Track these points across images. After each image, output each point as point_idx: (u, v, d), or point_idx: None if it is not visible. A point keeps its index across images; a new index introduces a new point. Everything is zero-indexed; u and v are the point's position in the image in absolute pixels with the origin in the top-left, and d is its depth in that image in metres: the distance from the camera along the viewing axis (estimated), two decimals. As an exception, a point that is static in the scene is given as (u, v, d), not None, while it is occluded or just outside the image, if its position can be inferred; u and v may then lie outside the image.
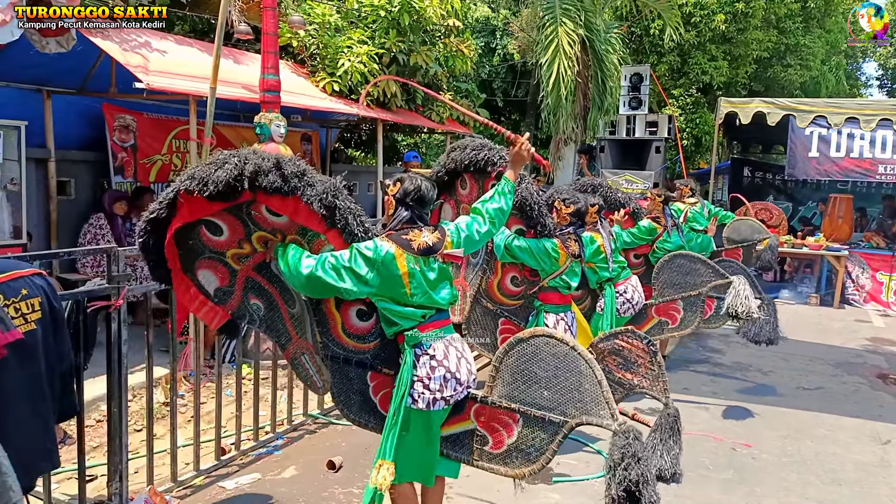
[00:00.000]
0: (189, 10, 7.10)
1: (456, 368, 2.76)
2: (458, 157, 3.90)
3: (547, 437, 2.62)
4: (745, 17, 13.70)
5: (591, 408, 2.52)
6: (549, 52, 9.86)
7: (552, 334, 2.67)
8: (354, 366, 2.95)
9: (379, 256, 2.66)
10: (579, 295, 4.91)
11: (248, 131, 7.81)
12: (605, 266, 4.84)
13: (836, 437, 4.88)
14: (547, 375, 2.63)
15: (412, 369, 2.75)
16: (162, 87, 5.34)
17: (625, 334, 4.07)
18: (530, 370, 2.67)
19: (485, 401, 2.78)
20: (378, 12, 7.85)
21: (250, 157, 2.62)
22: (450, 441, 2.89)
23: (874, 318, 9.27)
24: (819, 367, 6.67)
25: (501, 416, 2.75)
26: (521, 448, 2.69)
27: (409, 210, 2.84)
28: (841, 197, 10.93)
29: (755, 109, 9.93)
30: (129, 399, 3.55)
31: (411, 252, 2.72)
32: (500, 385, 2.76)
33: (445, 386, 2.73)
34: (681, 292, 5.32)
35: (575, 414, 2.55)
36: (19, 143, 5.56)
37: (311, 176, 2.69)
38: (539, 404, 2.64)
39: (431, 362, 2.74)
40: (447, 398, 2.75)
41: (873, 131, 9.39)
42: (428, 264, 2.77)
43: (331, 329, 2.95)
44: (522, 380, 2.70)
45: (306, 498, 3.71)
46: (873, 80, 27.93)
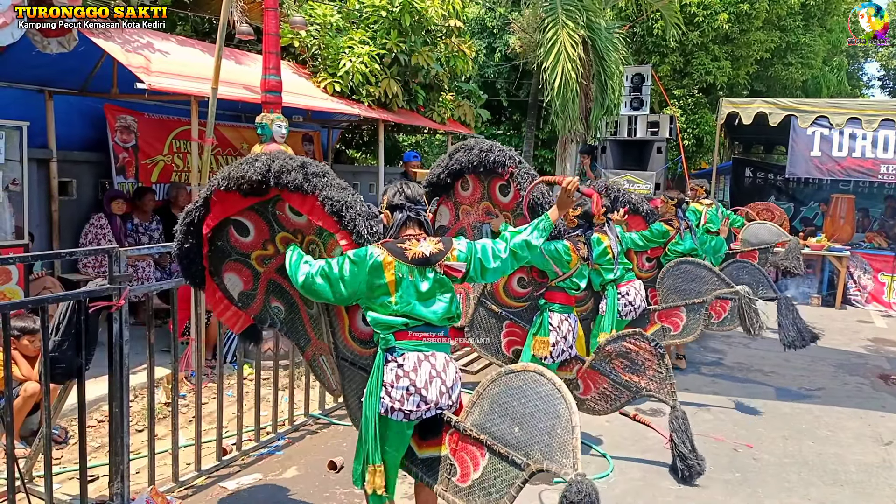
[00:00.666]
0: (191, 11, 7.10)
1: (423, 385, 2.67)
2: (463, 158, 3.86)
3: (508, 479, 2.47)
4: (749, 17, 13.69)
5: (555, 454, 2.34)
6: (552, 55, 9.85)
7: (543, 372, 2.50)
8: (359, 370, 2.96)
9: (366, 264, 2.66)
10: (582, 296, 4.90)
11: (250, 132, 7.81)
12: (610, 268, 4.82)
13: (838, 437, 4.88)
14: (524, 412, 2.48)
15: (381, 374, 2.70)
16: (163, 88, 5.34)
17: (632, 337, 4.05)
18: (510, 404, 2.54)
19: (457, 426, 2.68)
20: (379, 13, 7.85)
21: (279, 157, 2.79)
22: (425, 464, 2.82)
23: (876, 318, 9.26)
24: (821, 368, 6.67)
25: (470, 446, 2.64)
26: (483, 486, 2.56)
27: (402, 211, 2.84)
28: (843, 197, 10.92)
29: (757, 110, 9.92)
30: (130, 399, 3.56)
31: (403, 260, 2.69)
32: (478, 413, 2.65)
33: (406, 399, 2.66)
34: (685, 299, 5.29)
35: (538, 458, 2.38)
36: (21, 143, 5.56)
37: (331, 178, 2.79)
38: (506, 440, 2.49)
39: (398, 370, 2.68)
40: (406, 412, 2.67)
41: (875, 131, 9.37)
42: (422, 275, 2.72)
43: (340, 331, 2.98)
44: (499, 412, 2.56)
45: (307, 498, 3.71)
46: (875, 80, 27.93)
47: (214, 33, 5.91)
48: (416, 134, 12.96)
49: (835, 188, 11.98)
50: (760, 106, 9.96)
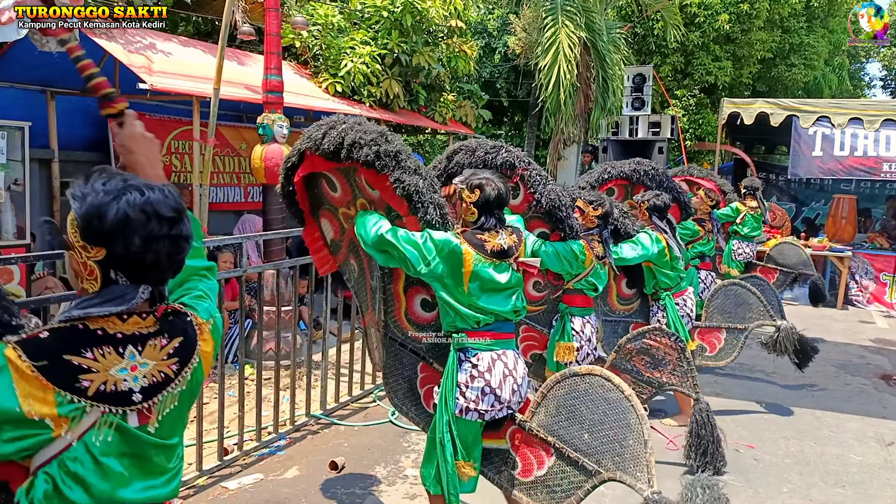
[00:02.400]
0: (193, 11, 7.11)
1: (498, 385, 2.68)
2: (465, 160, 3.60)
3: (576, 482, 2.49)
4: (749, 17, 13.68)
5: (628, 465, 2.36)
6: (549, 55, 9.85)
7: (610, 378, 2.51)
8: (409, 352, 2.97)
9: (447, 247, 2.63)
10: (630, 295, 4.85)
11: (251, 132, 7.82)
12: (669, 271, 4.66)
13: (840, 438, 4.87)
14: (593, 418, 2.49)
15: (455, 374, 2.71)
16: (165, 88, 5.35)
17: (652, 332, 4.03)
18: (577, 408, 2.55)
19: (522, 425, 2.71)
20: (381, 13, 7.85)
21: (354, 129, 2.68)
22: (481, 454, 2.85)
23: (878, 319, 9.24)
24: (822, 368, 6.65)
25: (536, 445, 2.67)
26: (547, 483, 2.58)
27: (492, 216, 2.78)
28: (845, 198, 10.90)
29: (758, 110, 9.91)
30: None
31: (483, 253, 2.67)
32: (543, 414, 2.67)
33: (482, 399, 2.67)
34: (728, 322, 5.16)
35: (610, 467, 2.41)
36: (23, 143, 5.58)
37: (405, 159, 2.67)
38: (576, 445, 2.51)
39: (472, 371, 2.68)
40: (481, 412, 2.68)
41: (877, 131, 9.35)
42: (499, 268, 2.71)
43: (395, 311, 2.97)
44: (566, 415, 2.58)
45: (308, 498, 3.71)
46: (877, 81, 27.90)
47: (216, 34, 5.93)
48: (418, 134, 12.96)
49: (837, 188, 11.96)
50: (762, 106, 9.94)
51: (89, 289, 1.42)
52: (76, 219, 1.37)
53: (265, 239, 5.74)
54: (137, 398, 1.36)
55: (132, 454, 1.38)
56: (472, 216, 2.78)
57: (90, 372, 1.31)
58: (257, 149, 5.56)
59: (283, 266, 4.93)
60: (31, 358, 1.27)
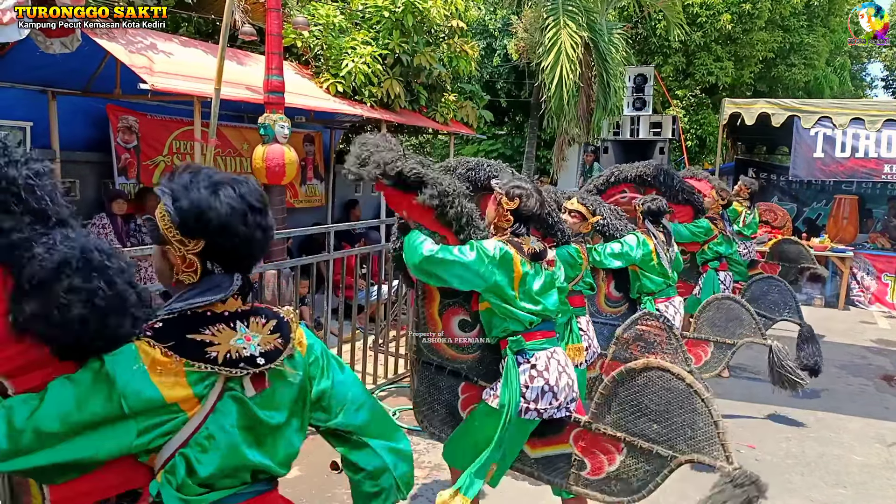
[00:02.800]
0: (194, 12, 7.12)
1: (555, 382, 2.72)
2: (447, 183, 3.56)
3: (651, 470, 2.54)
4: (751, 17, 13.67)
5: (703, 446, 2.43)
6: (551, 55, 9.85)
7: (668, 368, 2.56)
8: (448, 375, 2.94)
9: (500, 253, 2.68)
10: (619, 297, 4.85)
11: (252, 132, 7.81)
12: (654, 277, 4.60)
13: (841, 438, 4.86)
14: (658, 409, 2.55)
15: (516, 377, 2.72)
16: (166, 89, 5.35)
17: (642, 318, 4.09)
18: (640, 402, 2.60)
19: (588, 426, 2.73)
20: (382, 13, 7.85)
21: (374, 158, 2.50)
22: (541, 463, 2.84)
23: (879, 319, 9.23)
24: (823, 369, 6.63)
25: (604, 443, 2.69)
26: (621, 477, 2.62)
27: (526, 226, 2.85)
28: (846, 198, 10.89)
29: (760, 110, 9.90)
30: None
31: (524, 256, 2.75)
32: (606, 413, 2.71)
33: (541, 398, 2.70)
34: (717, 335, 5.06)
35: (685, 450, 2.47)
36: (24, 144, 5.58)
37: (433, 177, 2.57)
38: (647, 436, 2.57)
39: (531, 371, 2.71)
40: (540, 410, 2.71)
41: (879, 131, 9.34)
42: (536, 270, 2.79)
43: (429, 334, 2.94)
44: (631, 410, 2.63)
45: (309, 498, 3.71)
46: (878, 81, 27.91)
47: (217, 34, 5.93)
48: (419, 135, 12.97)
49: (838, 189, 11.94)
50: (763, 106, 9.93)
51: (186, 280, 1.50)
52: (173, 214, 1.43)
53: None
54: (261, 361, 1.47)
55: (247, 427, 1.48)
56: (507, 223, 2.83)
57: (213, 345, 1.42)
58: (259, 149, 5.56)
59: (284, 266, 4.93)
60: (159, 342, 1.38)
